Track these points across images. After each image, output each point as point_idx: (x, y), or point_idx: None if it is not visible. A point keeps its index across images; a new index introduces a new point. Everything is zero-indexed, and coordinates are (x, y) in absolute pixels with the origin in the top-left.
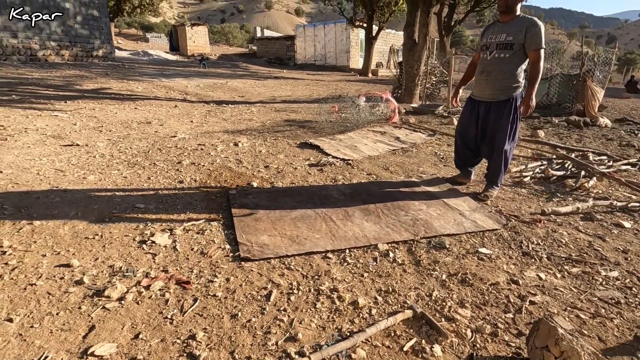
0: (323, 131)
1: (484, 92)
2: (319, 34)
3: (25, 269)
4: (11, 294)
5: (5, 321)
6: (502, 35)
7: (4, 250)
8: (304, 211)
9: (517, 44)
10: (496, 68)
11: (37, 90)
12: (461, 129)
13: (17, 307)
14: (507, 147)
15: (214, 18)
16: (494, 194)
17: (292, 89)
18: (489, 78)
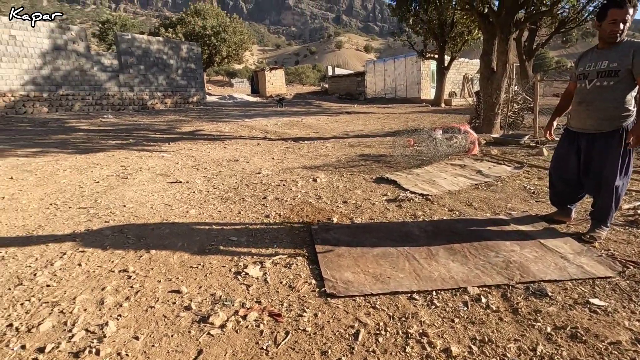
0: (399, 165)
1: (585, 123)
2: (389, 68)
3: (145, 293)
4: (136, 314)
5: (133, 338)
6: (603, 62)
7: (129, 275)
8: (385, 249)
9: (623, 70)
10: (598, 97)
11: (148, 134)
12: (557, 164)
13: (141, 326)
14: (619, 183)
15: (289, 61)
16: (603, 235)
17: (364, 124)
18: (589, 108)
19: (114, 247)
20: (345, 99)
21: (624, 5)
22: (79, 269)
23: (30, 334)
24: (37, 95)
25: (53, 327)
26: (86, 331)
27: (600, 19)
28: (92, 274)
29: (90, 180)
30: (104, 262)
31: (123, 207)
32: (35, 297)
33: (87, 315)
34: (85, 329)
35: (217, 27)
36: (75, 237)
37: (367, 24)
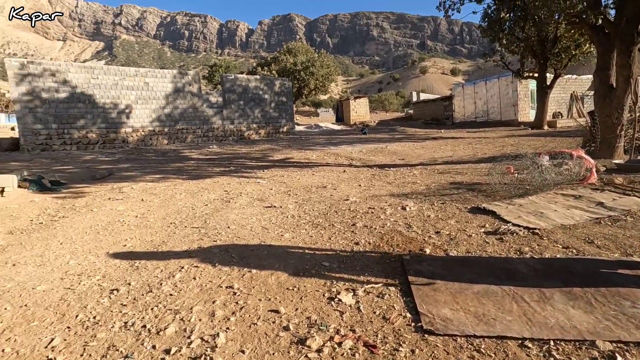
0: (497, 194)
1: None
2: (480, 90)
3: (249, 309)
4: (241, 329)
5: (240, 352)
6: None
7: (234, 291)
8: (487, 286)
9: None
10: None
11: (245, 162)
12: None
13: (246, 341)
14: None
15: (372, 89)
16: None
17: (452, 149)
18: None
19: (221, 265)
20: (431, 124)
21: None
22: (194, 282)
23: (159, 336)
24: (160, 129)
25: (175, 332)
26: (201, 339)
27: None
28: (205, 287)
29: (200, 203)
30: (214, 277)
31: (227, 228)
32: (162, 304)
33: (202, 324)
34: (201, 337)
35: (306, 62)
36: (190, 254)
37: (453, 47)
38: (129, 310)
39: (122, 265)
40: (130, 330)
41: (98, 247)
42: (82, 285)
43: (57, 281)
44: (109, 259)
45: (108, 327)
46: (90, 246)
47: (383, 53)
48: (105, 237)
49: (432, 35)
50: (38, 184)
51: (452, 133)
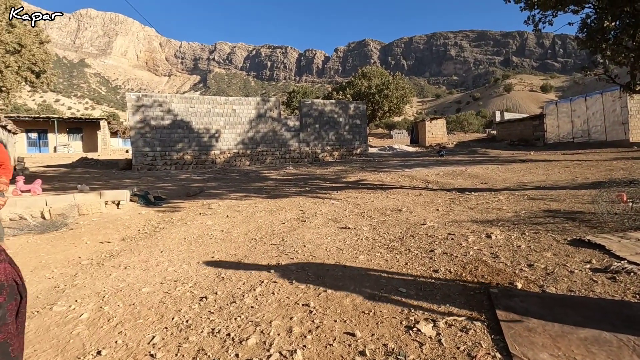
0: (605, 226)
1: None
2: (578, 107)
3: (324, 329)
4: (318, 349)
5: None
6: None
7: (310, 310)
8: (598, 332)
9: None
10: None
11: (319, 183)
12: None
13: None
14: None
15: (449, 109)
16: None
17: (545, 173)
18: None
19: (298, 282)
20: (518, 146)
21: None
22: (273, 297)
23: (241, 345)
24: (243, 152)
25: (256, 343)
26: (280, 354)
27: None
28: (282, 303)
29: (278, 221)
30: (291, 294)
31: (303, 246)
32: (244, 315)
33: (280, 339)
34: (279, 351)
35: (380, 85)
36: (269, 269)
37: (544, 62)
38: (215, 317)
39: (210, 275)
40: (217, 336)
41: (190, 257)
42: (177, 290)
43: (158, 285)
44: (199, 268)
45: (198, 332)
46: (185, 256)
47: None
48: (197, 248)
49: (517, 50)
50: (144, 199)
51: (544, 155)
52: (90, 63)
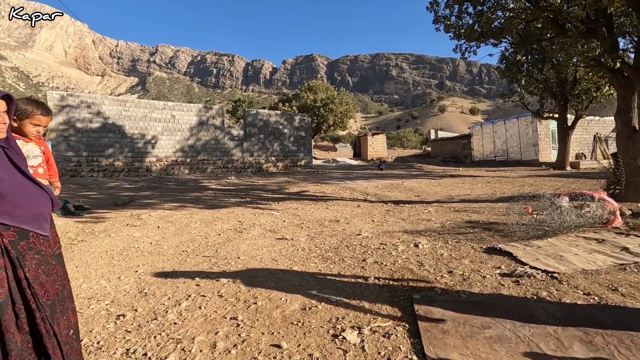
0: (514, 235)
1: None
2: (499, 129)
3: (250, 343)
4: None
5: None
6: None
7: (238, 323)
8: (500, 331)
9: None
10: None
11: (261, 193)
12: None
13: None
14: None
15: (390, 126)
16: None
17: (470, 188)
18: None
19: (228, 295)
20: (450, 162)
21: None
22: (199, 311)
23: None
24: (182, 160)
25: None
26: None
27: None
28: (209, 317)
29: (214, 232)
30: (219, 308)
31: (237, 258)
32: (165, 332)
33: (202, 356)
34: None
35: (325, 99)
36: (198, 283)
37: (472, 87)
38: (132, 337)
39: (131, 291)
40: (131, 357)
41: (111, 272)
42: (91, 309)
43: None
44: (119, 284)
45: (110, 354)
46: (104, 270)
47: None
48: (119, 262)
49: (450, 75)
50: (63, 208)
51: (471, 171)
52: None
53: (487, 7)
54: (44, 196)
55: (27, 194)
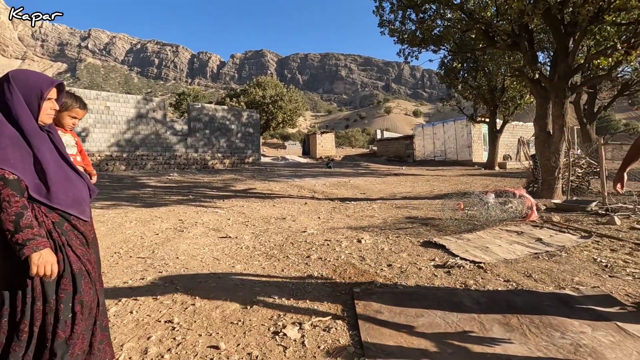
0: (448, 229)
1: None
2: (438, 131)
3: (186, 346)
4: None
5: None
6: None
7: (173, 326)
8: (432, 318)
9: None
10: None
11: (205, 191)
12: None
13: None
14: None
15: (339, 125)
16: None
17: (412, 185)
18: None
19: (164, 297)
20: (394, 161)
21: None
22: (130, 316)
23: None
24: (118, 155)
25: None
26: None
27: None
28: (141, 322)
29: (151, 232)
30: (153, 311)
31: (176, 258)
32: None
33: None
34: None
35: (275, 96)
36: (131, 285)
37: (415, 90)
38: None
39: None
40: None
41: None
42: None
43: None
44: None
45: None
46: None
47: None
48: None
49: (396, 78)
50: None
51: (413, 170)
52: None
53: (428, 15)
54: (83, 182)
55: (69, 179)
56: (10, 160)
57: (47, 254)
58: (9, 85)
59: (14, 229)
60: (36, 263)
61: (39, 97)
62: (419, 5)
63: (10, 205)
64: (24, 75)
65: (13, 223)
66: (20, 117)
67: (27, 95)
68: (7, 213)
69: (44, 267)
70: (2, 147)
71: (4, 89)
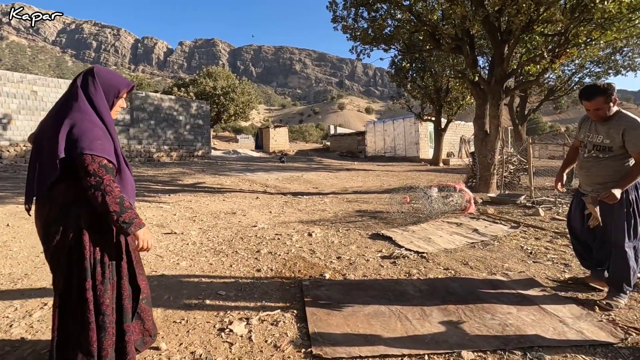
0: (395, 222)
1: (586, 185)
2: (388, 128)
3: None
4: None
5: None
6: (598, 136)
7: None
8: (377, 307)
9: (615, 147)
10: (595, 165)
11: (149, 185)
12: (569, 222)
13: None
14: (629, 245)
15: (293, 120)
16: (621, 304)
17: (363, 180)
18: (589, 174)
19: None
20: (346, 157)
21: (590, 98)
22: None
23: None
24: None
25: None
26: None
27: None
28: None
29: None
30: None
31: None
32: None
33: None
34: None
35: (226, 87)
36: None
37: (368, 88)
38: None
39: None
40: None
41: None
42: None
43: None
44: None
45: None
46: None
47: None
48: None
49: (349, 75)
50: None
51: (364, 165)
52: None
53: (379, 15)
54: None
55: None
56: (107, 149)
57: (146, 230)
58: (94, 80)
59: (120, 210)
60: (142, 238)
61: (115, 95)
62: (370, 4)
63: (113, 189)
64: (106, 73)
65: (119, 205)
66: (103, 111)
67: (106, 92)
68: (112, 196)
69: (147, 241)
70: (99, 137)
71: (88, 83)
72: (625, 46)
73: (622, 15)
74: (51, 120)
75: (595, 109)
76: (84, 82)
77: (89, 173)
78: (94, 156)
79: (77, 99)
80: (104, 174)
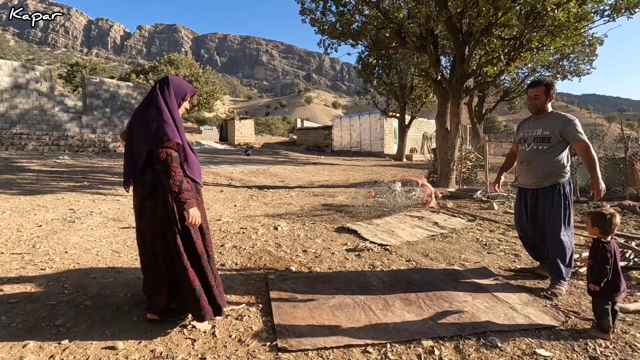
0: (360, 215)
1: (527, 180)
2: (355, 123)
3: (75, 350)
4: None
5: None
6: (538, 129)
7: (59, 330)
8: (342, 299)
9: (554, 137)
10: (536, 158)
11: (105, 177)
12: (516, 218)
13: None
14: (564, 234)
15: (260, 112)
16: (563, 291)
17: (329, 174)
18: (529, 167)
19: (47, 298)
20: (313, 151)
21: (535, 86)
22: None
23: None
24: None
25: None
26: None
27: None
28: (16, 328)
29: (31, 223)
30: (30, 313)
31: (65, 253)
32: None
33: None
34: None
35: (189, 76)
36: (1, 288)
37: (335, 82)
38: None
39: None
40: None
41: None
42: None
43: None
44: None
45: None
46: None
47: (271, 79)
48: None
49: (317, 69)
50: None
51: (331, 159)
52: None
53: (347, 9)
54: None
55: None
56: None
57: (196, 209)
58: (168, 87)
59: (178, 190)
60: (192, 215)
61: (182, 98)
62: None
63: (176, 174)
64: (177, 81)
65: (177, 187)
66: (174, 111)
67: (176, 96)
68: (174, 179)
69: (195, 218)
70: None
71: (164, 89)
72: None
73: (570, 23)
74: (138, 118)
75: (535, 96)
76: (161, 88)
77: (160, 161)
78: (163, 147)
79: (157, 102)
80: (170, 162)
